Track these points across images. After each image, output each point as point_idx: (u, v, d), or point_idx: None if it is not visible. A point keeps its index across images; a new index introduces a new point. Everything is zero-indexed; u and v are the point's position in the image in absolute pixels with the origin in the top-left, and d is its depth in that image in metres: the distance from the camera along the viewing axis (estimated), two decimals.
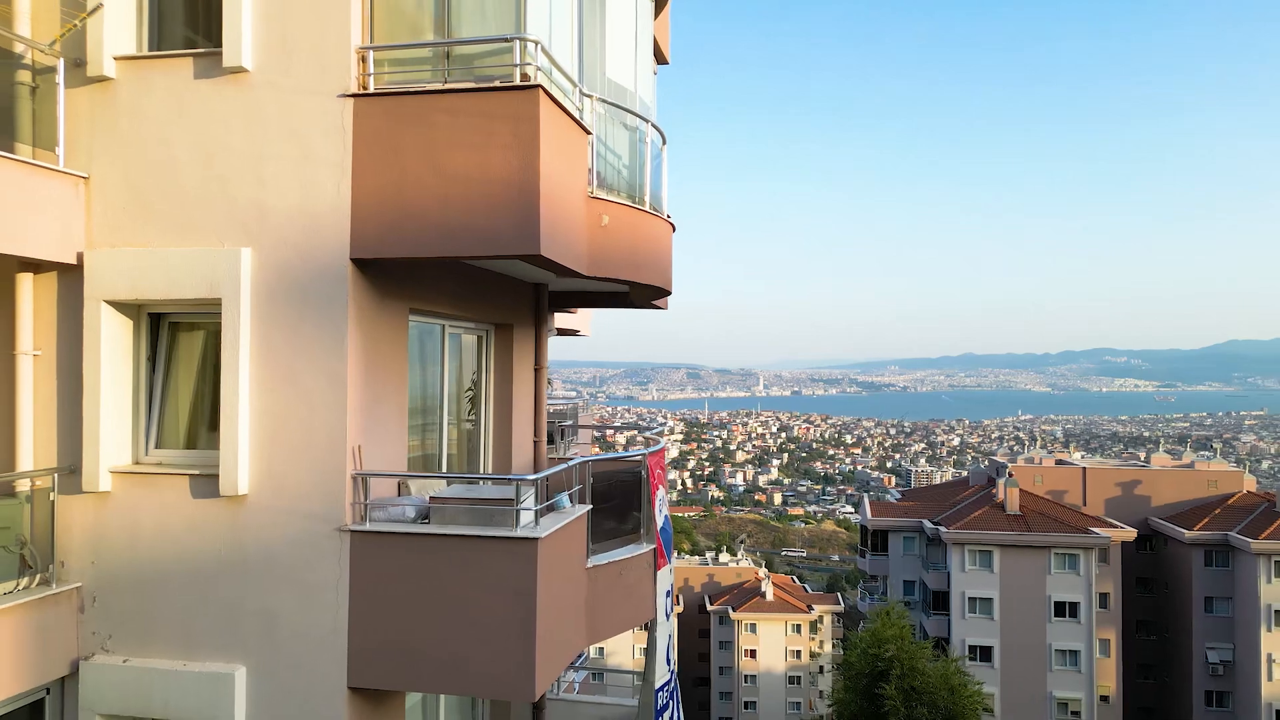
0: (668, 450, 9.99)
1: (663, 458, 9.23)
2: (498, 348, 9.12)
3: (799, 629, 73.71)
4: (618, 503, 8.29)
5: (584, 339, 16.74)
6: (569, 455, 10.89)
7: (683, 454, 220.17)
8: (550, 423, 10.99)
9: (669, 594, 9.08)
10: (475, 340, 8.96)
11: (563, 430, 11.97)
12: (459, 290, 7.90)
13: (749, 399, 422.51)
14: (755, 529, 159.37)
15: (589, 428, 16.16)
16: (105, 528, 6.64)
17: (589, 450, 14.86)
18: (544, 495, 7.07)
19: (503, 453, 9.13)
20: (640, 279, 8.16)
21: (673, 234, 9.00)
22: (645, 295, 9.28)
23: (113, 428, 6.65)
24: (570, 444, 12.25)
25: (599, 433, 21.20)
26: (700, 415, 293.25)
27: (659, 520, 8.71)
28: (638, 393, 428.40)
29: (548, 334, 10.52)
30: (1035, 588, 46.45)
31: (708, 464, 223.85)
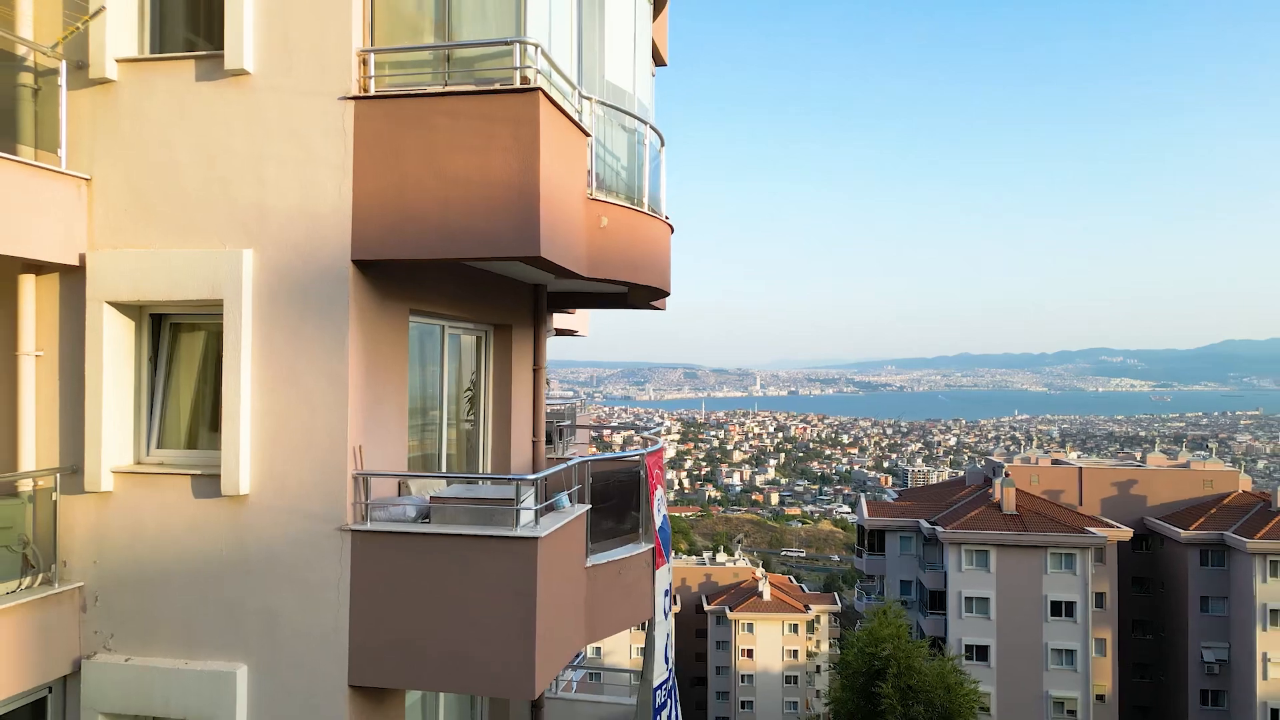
0: (665, 450, 10.03)
1: (660, 458, 9.28)
2: (497, 348, 9.16)
3: (796, 628, 73.78)
4: (616, 502, 8.33)
5: (581, 339, 16.77)
6: (567, 455, 10.92)
7: (680, 454, 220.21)
8: (548, 423, 11.02)
9: (667, 593, 9.12)
10: (474, 341, 9.00)
11: (561, 430, 12.00)
12: (459, 291, 7.95)
13: (746, 399, 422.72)
14: (752, 529, 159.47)
15: (587, 428, 16.18)
16: (107, 527, 6.68)
17: (587, 450, 14.88)
18: (543, 495, 7.11)
19: (502, 453, 9.17)
20: (639, 280, 8.21)
21: (671, 235, 9.05)
22: (643, 296, 9.32)
23: (114, 428, 6.69)
24: (568, 444, 12.28)
25: (596, 433, 21.22)
26: (697, 415, 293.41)
27: (657, 520, 8.76)
28: (635, 393, 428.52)
29: (546, 334, 10.56)
30: (1031, 587, 46.58)
31: (705, 464, 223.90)
